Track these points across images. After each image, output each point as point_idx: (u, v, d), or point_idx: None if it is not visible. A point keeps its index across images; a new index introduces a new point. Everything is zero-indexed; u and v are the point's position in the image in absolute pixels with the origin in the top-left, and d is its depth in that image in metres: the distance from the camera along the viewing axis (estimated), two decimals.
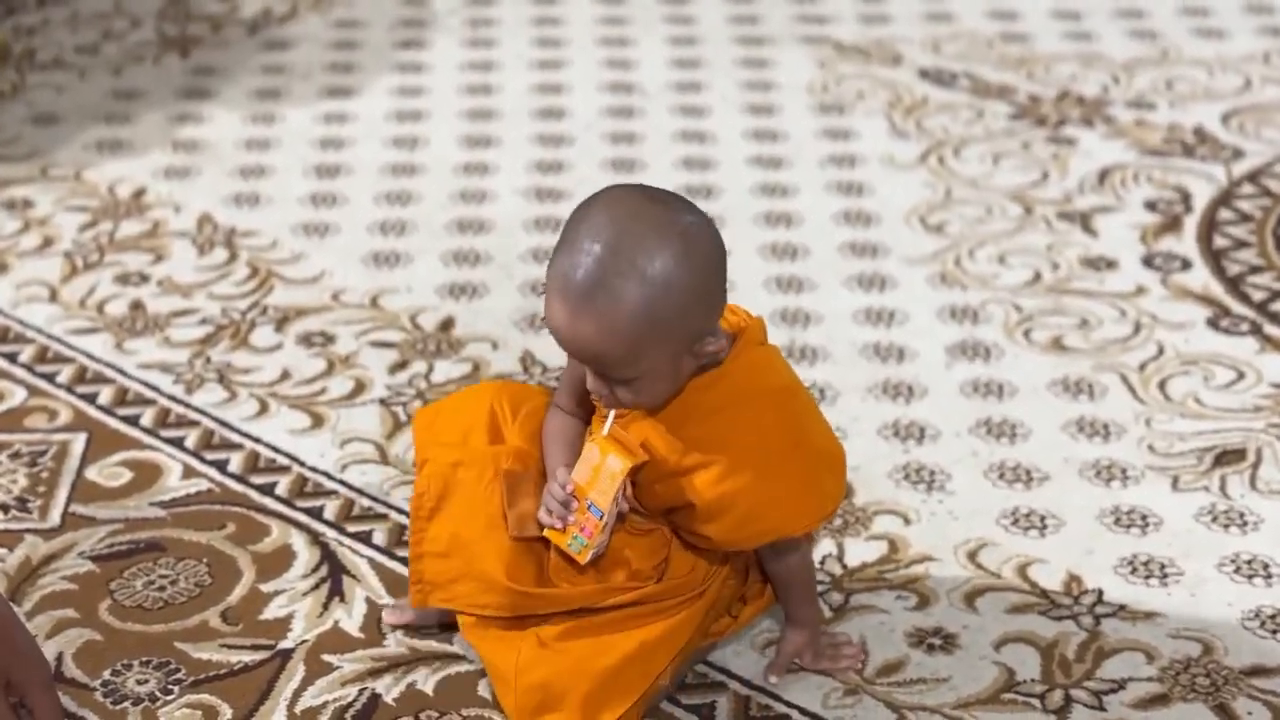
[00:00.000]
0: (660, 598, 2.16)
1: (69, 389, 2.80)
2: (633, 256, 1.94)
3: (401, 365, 2.86)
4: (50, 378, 2.83)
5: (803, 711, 2.22)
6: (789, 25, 4.00)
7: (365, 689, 2.25)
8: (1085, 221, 3.24)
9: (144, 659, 2.29)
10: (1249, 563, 2.45)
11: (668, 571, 2.16)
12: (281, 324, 2.96)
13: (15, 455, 2.65)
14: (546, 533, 2.11)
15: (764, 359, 2.12)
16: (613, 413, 2.07)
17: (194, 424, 2.73)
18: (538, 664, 2.11)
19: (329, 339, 2.93)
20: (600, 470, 2.06)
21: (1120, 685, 2.25)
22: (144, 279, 3.09)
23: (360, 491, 2.59)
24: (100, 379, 2.83)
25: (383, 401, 2.78)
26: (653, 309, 1.94)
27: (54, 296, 3.04)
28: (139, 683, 2.25)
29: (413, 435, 2.34)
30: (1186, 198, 3.31)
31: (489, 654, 2.17)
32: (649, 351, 1.98)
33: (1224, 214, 3.25)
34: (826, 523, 2.19)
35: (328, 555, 2.47)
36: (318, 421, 2.73)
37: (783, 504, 2.08)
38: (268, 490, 2.59)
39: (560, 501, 2.08)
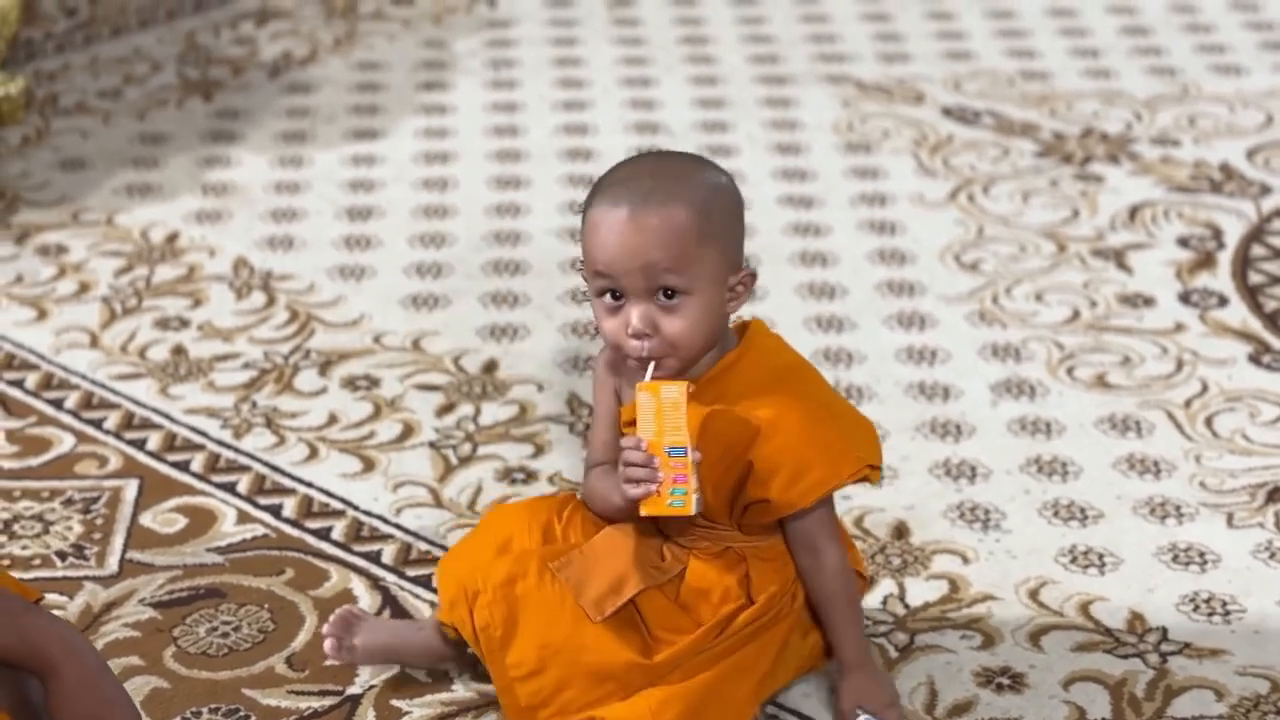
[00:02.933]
0: (762, 614, 2.17)
1: (117, 435, 2.79)
2: (679, 171, 2.12)
3: (448, 408, 2.86)
4: (98, 424, 2.82)
5: None
6: (810, 65, 4.01)
7: None
8: (1119, 258, 3.25)
9: (213, 706, 2.28)
10: None
11: (752, 587, 2.18)
12: (325, 368, 2.96)
13: (69, 502, 2.65)
14: (643, 509, 2.09)
15: (775, 341, 2.22)
16: (651, 368, 2.10)
17: (245, 469, 2.72)
18: (671, 701, 2.11)
19: (374, 382, 2.92)
20: (661, 411, 2.07)
21: None
22: (184, 323, 3.08)
23: (417, 535, 2.58)
24: (148, 424, 2.82)
25: (432, 445, 2.77)
26: (707, 206, 2.09)
27: (95, 342, 3.03)
28: None
29: (438, 586, 2.27)
30: (1218, 234, 3.32)
31: (610, 715, 2.12)
32: (704, 255, 2.08)
33: (1257, 250, 3.26)
34: (872, 483, 2.19)
35: (389, 600, 2.46)
36: (369, 465, 2.73)
37: (825, 456, 2.13)
38: (324, 535, 2.58)
39: (641, 464, 2.08)
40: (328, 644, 2.30)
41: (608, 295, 2.11)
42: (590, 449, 2.27)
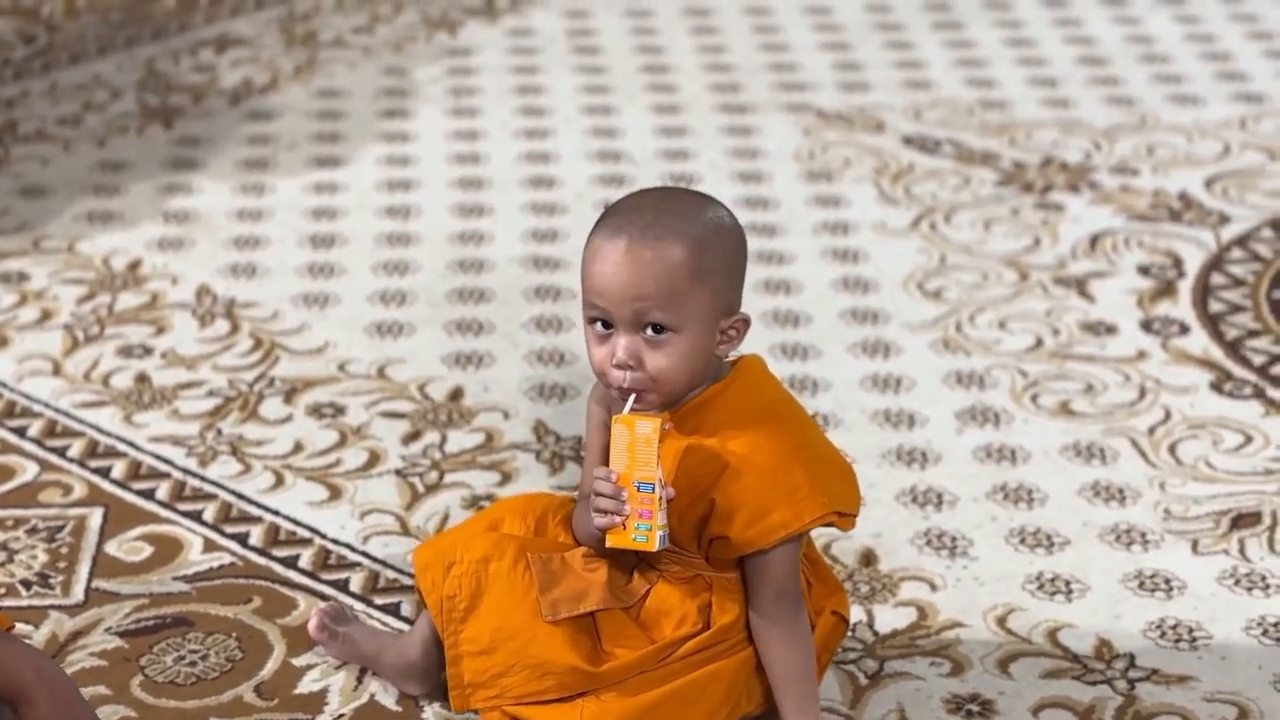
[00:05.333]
0: (712, 643, 2.17)
1: (81, 463, 2.78)
2: (684, 208, 2.12)
3: (414, 436, 2.85)
4: (61, 452, 2.81)
5: None
6: (771, 93, 4.03)
7: None
8: (1081, 287, 3.27)
9: None
10: (1276, 625, 2.47)
11: (712, 616, 2.18)
12: (290, 395, 2.95)
13: (33, 531, 2.63)
14: (609, 540, 2.10)
15: (763, 378, 2.20)
16: (630, 400, 2.09)
17: (211, 497, 2.71)
18: (604, 715, 2.12)
19: (339, 410, 2.91)
20: (634, 444, 2.07)
21: None
22: (147, 351, 3.07)
23: (384, 563, 2.57)
24: (112, 453, 2.81)
25: (399, 473, 2.77)
26: (703, 245, 2.08)
27: (58, 370, 3.01)
28: None
29: (414, 555, 2.29)
30: (1178, 262, 3.34)
31: (543, 717, 2.14)
32: (695, 294, 2.07)
33: (1217, 278, 3.28)
34: (842, 530, 2.18)
35: None
36: (335, 493, 2.72)
37: (789, 498, 2.12)
38: (291, 563, 2.58)
39: (610, 495, 2.08)
40: (313, 623, 2.35)
41: (598, 323, 2.11)
42: (582, 480, 2.27)
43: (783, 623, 2.17)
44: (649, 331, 2.08)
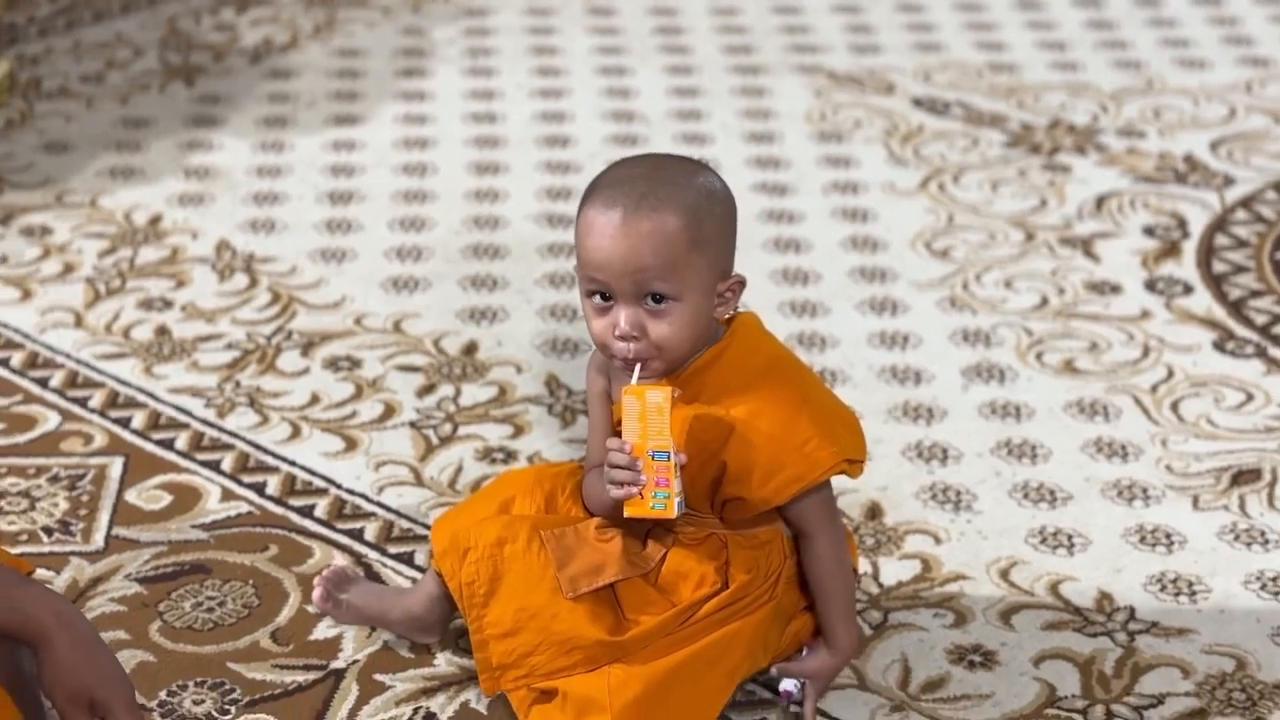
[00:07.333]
0: (731, 601, 2.17)
1: (101, 413, 2.79)
2: (675, 176, 2.09)
3: (429, 389, 2.86)
4: (83, 402, 2.81)
5: None
6: (782, 55, 4.02)
7: (420, 708, 2.24)
8: (1086, 247, 3.26)
9: (199, 679, 2.28)
10: (1274, 579, 2.47)
11: (730, 575, 2.17)
12: (307, 349, 2.95)
13: (54, 479, 2.64)
14: (627, 510, 2.09)
15: (758, 336, 2.19)
16: (636, 370, 2.09)
17: (229, 447, 2.71)
18: (630, 682, 2.11)
19: (355, 363, 2.92)
20: (645, 414, 2.06)
21: (1159, 700, 2.26)
22: (167, 304, 3.07)
23: (398, 513, 2.58)
24: (132, 403, 2.81)
25: (413, 424, 2.77)
26: (699, 213, 2.06)
27: (79, 322, 3.02)
28: (195, 703, 2.24)
29: (432, 535, 2.28)
30: (1183, 223, 3.34)
31: (572, 688, 2.12)
32: (694, 262, 2.06)
33: (1221, 240, 3.28)
34: (851, 476, 2.18)
35: (371, 577, 2.46)
36: (350, 445, 2.72)
37: (799, 453, 2.11)
38: (307, 512, 2.58)
39: (625, 466, 2.07)
40: (316, 593, 2.34)
41: (597, 296, 2.10)
42: (588, 451, 2.27)
43: (835, 550, 2.19)
44: (650, 301, 2.07)
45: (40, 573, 2.43)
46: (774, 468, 2.11)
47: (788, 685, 2.23)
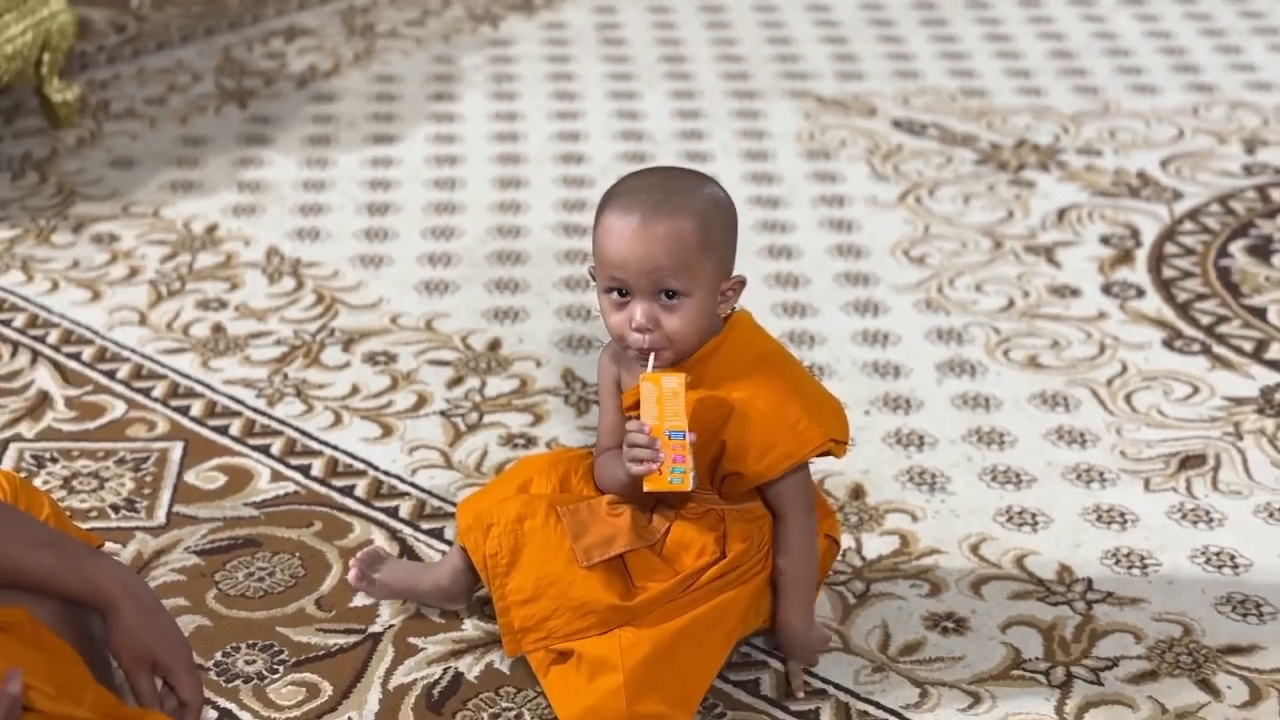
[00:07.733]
0: (728, 569, 2.17)
1: (164, 402, 2.79)
2: (685, 185, 2.12)
3: (457, 381, 2.86)
4: (146, 392, 2.81)
5: (837, 687, 2.22)
6: (775, 81, 4.01)
7: (449, 668, 2.24)
8: (1049, 254, 3.26)
9: (250, 642, 2.28)
10: (1217, 554, 2.47)
11: (728, 545, 2.18)
12: (348, 345, 2.96)
13: (121, 461, 2.64)
14: (646, 485, 2.09)
15: (753, 331, 2.20)
16: (651, 359, 2.10)
17: (277, 433, 2.72)
18: (640, 643, 2.11)
19: (391, 358, 2.92)
20: (662, 399, 2.07)
21: (1114, 663, 2.26)
22: (222, 304, 3.08)
23: (430, 493, 2.58)
24: (191, 394, 2.81)
25: (443, 413, 2.77)
26: (709, 217, 2.09)
27: (143, 320, 3.02)
28: (248, 663, 2.25)
29: (458, 514, 2.28)
30: (1136, 233, 3.33)
31: (587, 649, 2.13)
32: (702, 262, 2.08)
33: (1170, 248, 3.27)
34: (836, 456, 2.18)
35: (406, 550, 2.46)
36: (387, 431, 2.73)
37: (791, 432, 2.12)
38: (348, 492, 2.58)
39: (645, 445, 2.07)
40: (352, 574, 2.34)
41: (615, 292, 2.11)
42: (599, 436, 2.27)
43: (801, 536, 2.18)
44: (663, 297, 2.09)
45: (108, 546, 2.44)
46: (768, 445, 2.12)
47: None
